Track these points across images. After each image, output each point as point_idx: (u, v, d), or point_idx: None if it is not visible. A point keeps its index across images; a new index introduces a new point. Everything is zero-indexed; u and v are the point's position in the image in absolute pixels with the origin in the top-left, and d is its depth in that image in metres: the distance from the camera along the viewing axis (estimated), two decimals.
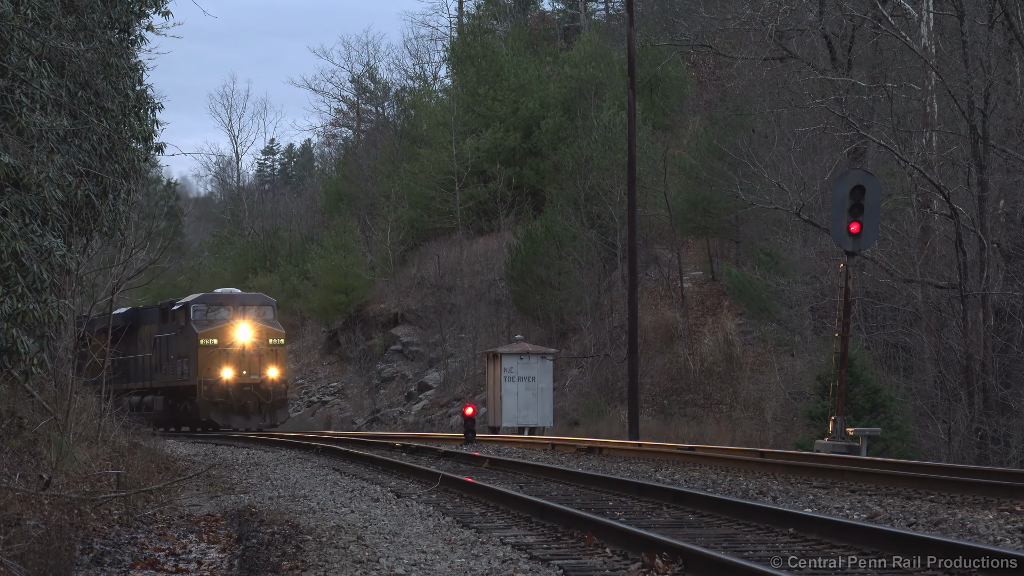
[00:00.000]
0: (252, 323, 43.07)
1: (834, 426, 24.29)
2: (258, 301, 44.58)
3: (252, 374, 42.68)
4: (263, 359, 42.88)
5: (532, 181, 62.09)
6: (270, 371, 42.87)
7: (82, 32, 17.84)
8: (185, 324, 43.55)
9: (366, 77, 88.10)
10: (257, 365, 42.76)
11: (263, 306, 44.29)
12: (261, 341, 42.93)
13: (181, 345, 43.78)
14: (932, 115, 36.02)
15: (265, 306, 44.33)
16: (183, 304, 44.26)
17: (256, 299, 44.86)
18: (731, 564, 9.56)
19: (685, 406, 45.67)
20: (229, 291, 45.42)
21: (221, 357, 42.40)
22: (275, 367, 43.01)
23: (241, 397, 42.41)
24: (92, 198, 17.83)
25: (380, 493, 17.86)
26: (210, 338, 42.56)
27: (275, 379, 42.97)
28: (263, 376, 42.80)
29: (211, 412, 42.14)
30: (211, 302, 43.86)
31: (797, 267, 41.86)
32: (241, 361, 42.58)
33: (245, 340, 42.67)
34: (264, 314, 43.97)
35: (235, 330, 42.74)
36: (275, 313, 44.66)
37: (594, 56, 60.76)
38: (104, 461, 18.83)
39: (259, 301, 44.63)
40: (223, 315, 43.36)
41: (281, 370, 43.27)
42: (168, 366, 44.90)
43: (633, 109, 36.27)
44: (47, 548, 10.65)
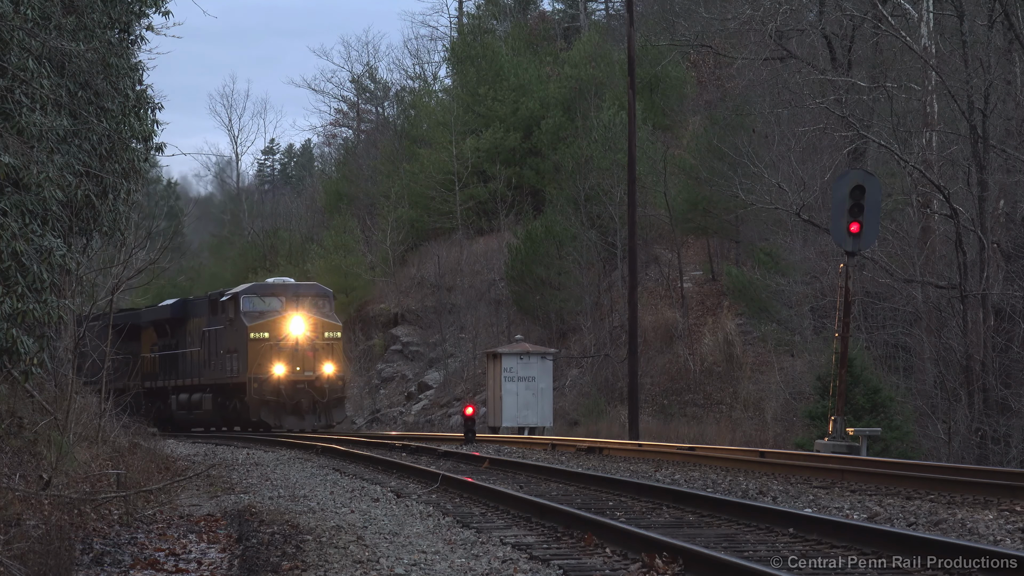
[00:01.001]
0: (306, 315, 40.11)
1: (834, 426, 24.29)
2: (313, 291, 41.47)
3: (306, 370, 39.68)
4: (318, 354, 39.85)
5: (532, 181, 62.09)
6: (325, 367, 39.85)
7: (82, 32, 17.83)
8: (234, 316, 40.64)
9: (366, 77, 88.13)
10: (312, 361, 39.76)
11: (318, 296, 41.20)
12: (316, 335, 39.96)
13: (230, 339, 40.90)
14: (932, 115, 36.02)
15: (321, 296, 41.23)
16: (232, 295, 41.34)
17: (311, 289, 41.78)
18: (731, 564, 9.56)
19: (685, 406, 45.66)
20: (282, 280, 42.60)
21: (273, 352, 39.43)
22: (331, 363, 40.02)
23: (294, 395, 39.41)
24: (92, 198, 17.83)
25: (380, 493, 17.86)
26: (261, 331, 39.64)
27: (331, 376, 39.95)
28: (318, 372, 39.78)
29: (261, 412, 39.24)
30: (262, 292, 40.94)
31: (797, 267, 41.85)
32: (294, 356, 39.58)
33: (299, 334, 39.68)
34: (319, 305, 40.91)
35: (288, 323, 39.79)
36: (331, 304, 41.69)
37: (594, 56, 60.76)
38: (104, 461, 18.84)
39: (314, 291, 41.50)
40: (275, 306, 40.40)
41: (338, 366, 40.30)
42: (217, 362, 41.96)
43: (633, 109, 36.27)
44: (47, 548, 10.65)
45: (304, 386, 39.41)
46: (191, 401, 43.26)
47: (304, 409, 39.33)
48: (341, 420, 40.74)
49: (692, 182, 49.89)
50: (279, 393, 39.06)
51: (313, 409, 39.51)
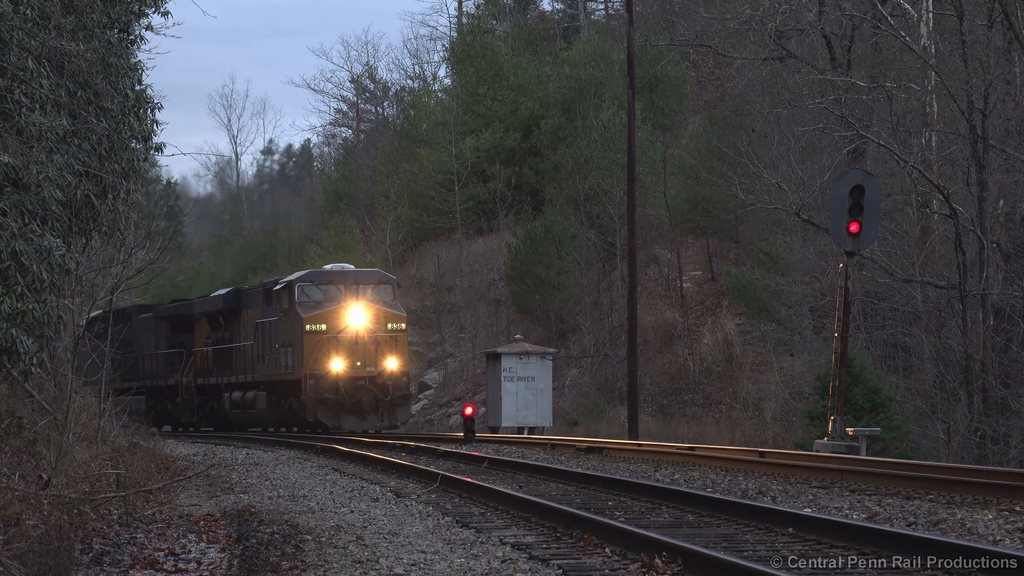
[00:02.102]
0: (368, 305, 36.75)
1: (833, 426, 24.30)
2: (375, 278, 38.03)
3: (367, 366, 36.26)
4: (381, 348, 36.41)
5: (532, 181, 62.09)
6: (389, 362, 36.41)
7: (81, 32, 17.83)
8: (289, 307, 37.38)
9: (365, 77, 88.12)
10: (373, 355, 36.31)
11: (381, 284, 37.79)
12: (378, 326, 36.57)
13: (285, 332, 37.76)
14: (931, 115, 36.03)
15: (384, 284, 37.85)
16: (286, 283, 38.10)
17: (373, 276, 38.36)
18: (731, 564, 9.56)
19: (684, 406, 45.68)
20: (341, 267, 38.99)
21: (331, 346, 36.15)
22: (395, 357, 36.53)
23: (354, 393, 36.02)
24: (92, 198, 17.83)
25: (379, 493, 17.86)
26: (318, 323, 36.48)
27: (395, 371, 36.46)
28: (380, 368, 36.33)
29: (319, 411, 36.08)
30: (319, 280, 37.63)
31: (796, 267, 41.87)
32: (354, 350, 36.19)
33: (359, 325, 36.34)
34: (382, 293, 37.56)
35: (347, 313, 36.44)
36: (396, 293, 38.17)
37: (593, 56, 60.77)
38: (104, 461, 18.83)
39: (376, 278, 38.07)
40: (333, 295, 37.06)
41: (402, 361, 36.87)
42: (271, 357, 38.72)
43: (632, 109, 36.27)
44: (46, 548, 10.65)
45: (365, 383, 36.19)
46: (244, 400, 40.49)
47: (365, 408, 36.21)
48: (406, 421, 37.41)
49: (692, 182, 49.91)
50: (338, 391, 35.95)
51: (375, 408, 36.35)
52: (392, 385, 36.22)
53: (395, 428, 36.78)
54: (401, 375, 36.61)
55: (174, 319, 45.78)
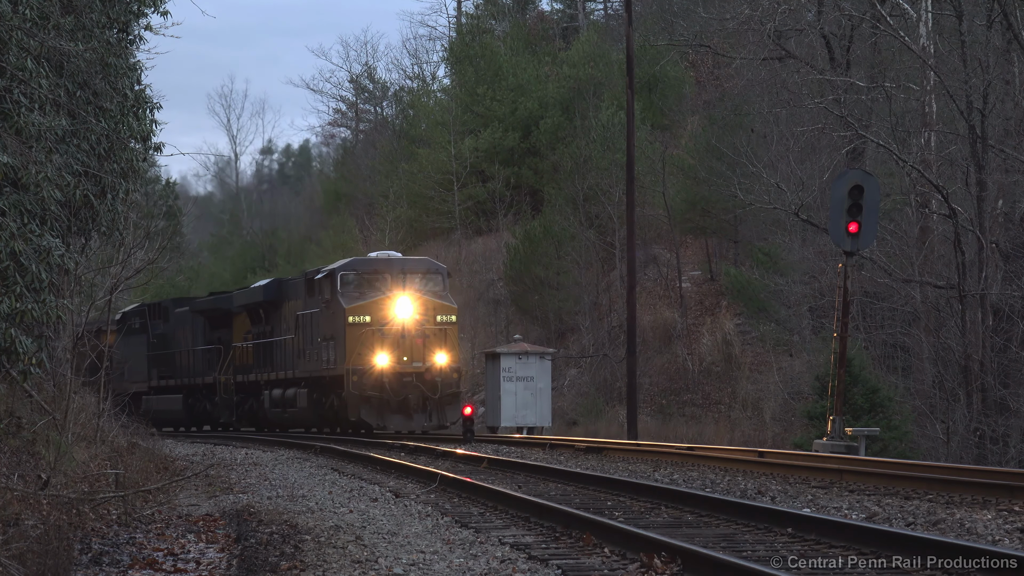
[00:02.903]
0: (416, 295, 34.27)
1: (833, 426, 24.31)
2: (423, 267, 35.68)
3: (415, 361, 33.84)
4: (429, 341, 34.00)
5: (531, 181, 62.11)
6: (438, 357, 33.94)
7: (81, 32, 17.82)
8: (331, 297, 34.98)
9: (364, 77, 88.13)
10: (421, 349, 33.88)
11: (430, 273, 35.39)
12: (427, 318, 34.20)
13: (326, 324, 35.31)
14: (931, 115, 36.05)
15: (433, 273, 35.45)
16: (328, 272, 35.61)
17: (421, 265, 36.01)
18: (730, 564, 9.56)
19: (684, 406, 45.70)
20: (387, 254, 36.60)
21: (375, 339, 33.59)
22: (444, 352, 34.09)
23: (400, 390, 33.57)
24: (91, 198, 17.82)
25: (379, 493, 17.86)
26: (361, 314, 34.03)
27: (444, 367, 34.00)
28: (429, 363, 33.85)
29: (362, 410, 33.59)
30: (364, 269, 35.04)
31: (796, 267, 41.89)
32: (401, 344, 33.73)
33: (406, 317, 33.86)
34: (431, 283, 35.18)
35: (393, 304, 33.98)
36: (446, 282, 35.77)
37: (593, 56, 60.77)
38: (103, 461, 18.83)
39: (425, 267, 35.72)
40: (379, 285, 34.57)
41: (452, 356, 34.38)
42: (312, 351, 36.24)
43: (631, 109, 36.26)
44: (45, 548, 10.65)
45: (412, 379, 33.68)
46: (284, 397, 38.02)
47: (412, 407, 33.76)
48: (456, 420, 34.56)
49: (691, 182, 49.92)
50: (383, 388, 33.45)
51: (423, 407, 33.88)
52: (441, 382, 33.87)
53: (444, 428, 34.59)
54: (451, 371, 34.26)
55: (212, 313, 43.85)
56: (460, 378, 34.80)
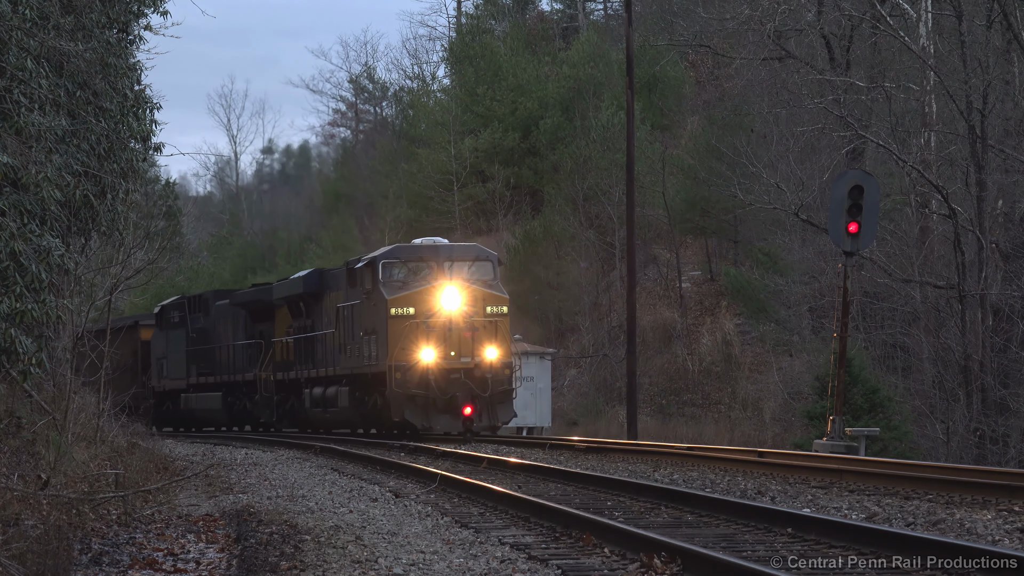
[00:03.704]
0: (464, 285, 31.79)
1: (832, 426, 24.31)
2: (472, 255, 33.09)
3: (463, 356, 31.43)
4: (478, 335, 31.61)
5: (530, 181, 62.12)
6: (488, 352, 31.46)
7: (80, 32, 17.84)
8: (372, 288, 32.50)
9: (364, 77, 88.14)
10: (470, 343, 31.46)
11: (479, 261, 32.85)
12: (476, 310, 31.75)
13: (367, 317, 32.84)
14: (930, 115, 36.07)
15: (482, 261, 32.90)
16: (369, 260, 33.00)
17: (469, 252, 33.33)
18: (730, 564, 9.56)
19: (683, 406, 45.71)
20: (432, 241, 33.64)
21: (420, 333, 31.17)
22: (495, 346, 31.62)
23: (447, 388, 31.17)
24: (90, 198, 17.83)
25: (378, 493, 17.85)
26: (404, 306, 31.59)
27: (495, 362, 31.51)
28: (478, 359, 31.39)
29: (405, 410, 31.09)
30: (407, 256, 32.52)
31: (795, 267, 41.91)
32: (448, 338, 31.35)
33: (453, 309, 31.46)
34: (481, 272, 32.66)
35: (439, 295, 31.49)
36: (496, 271, 33.16)
37: (592, 56, 60.79)
38: (103, 461, 18.84)
39: (474, 254, 33.12)
40: (424, 274, 32.09)
41: (503, 350, 31.86)
42: (353, 346, 33.74)
43: (631, 109, 36.23)
44: (45, 548, 10.65)
45: (460, 376, 31.30)
46: (326, 396, 35.44)
47: (460, 406, 31.42)
48: (508, 420, 32.58)
49: (690, 182, 49.94)
50: (428, 385, 31.07)
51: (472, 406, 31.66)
52: (492, 379, 31.40)
53: (495, 429, 32.23)
54: (502, 367, 31.72)
55: (252, 306, 41.19)
56: (512, 374, 32.23)
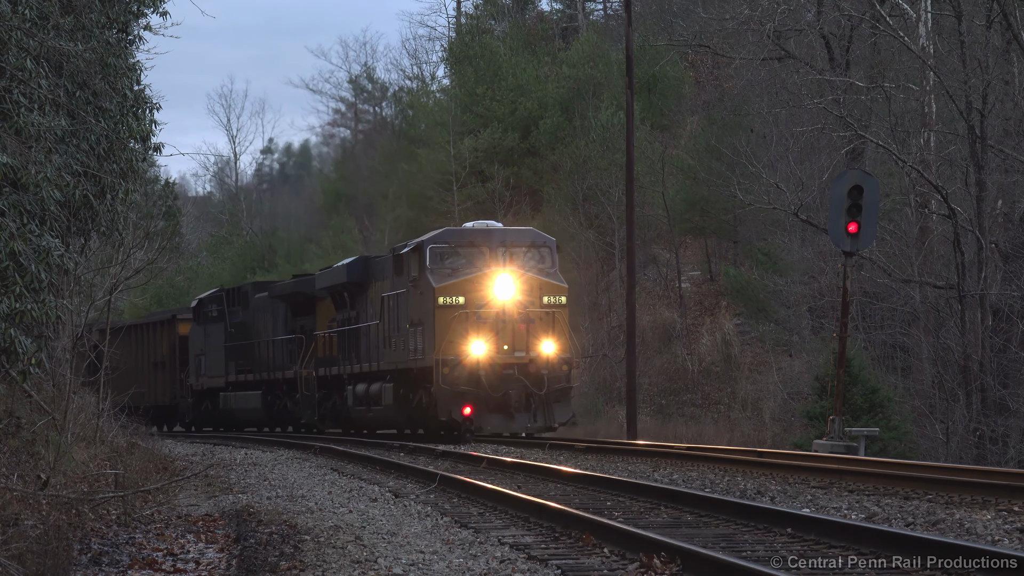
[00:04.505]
0: (518, 272, 29.47)
1: (832, 426, 24.31)
2: (528, 239, 30.67)
3: (517, 350, 29.11)
4: (534, 327, 29.24)
5: (530, 181, 62.10)
6: (544, 346, 29.18)
7: (80, 32, 17.84)
8: (418, 275, 30.09)
9: (364, 77, 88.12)
10: (525, 336, 29.16)
11: (536, 247, 30.52)
12: (531, 299, 29.37)
13: (414, 307, 30.46)
14: (930, 115, 36.07)
15: (539, 247, 30.59)
16: (416, 245, 30.59)
17: (525, 236, 30.93)
18: (730, 564, 9.56)
19: (683, 406, 45.70)
20: (485, 224, 31.20)
21: (470, 324, 29.02)
22: (552, 339, 29.25)
23: (500, 385, 28.97)
24: (90, 198, 17.84)
25: (378, 493, 17.86)
26: (453, 295, 29.26)
27: (551, 357, 29.17)
28: (534, 353, 29.12)
29: (453, 408, 29.02)
30: (457, 241, 30.16)
31: (795, 267, 41.92)
32: (501, 330, 29.12)
33: (507, 298, 29.16)
34: (537, 258, 30.37)
35: (492, 283, 29.22)
36: (554, 257, 30.86)
37: (592, 56, 60.76)
38: (102, 461, 18.84)
39: (529, 240, 30.69)
40: (475, 260, 29.79)
41: (561, 344, 29.42)
42: (399, 339, 31.32)
43: (631, 109, 36.23)
44: (45, 548, 10.65)
45: (514, 372, 29.05)
46: (369, 394, 32.89)
47: (513, 405, 29.09)
48: (566, 420, 30.19)
49: (690, 182, 49.94)
50: (479, 382, 28.90)
51: (527, 405, 29.26)
52: (548, 375, 29.15)
53: (551, 430, 29.99)
54: (560, 362, 29.40)
55: (293, 298, 39.06)
56: (571, 371, 30.09)
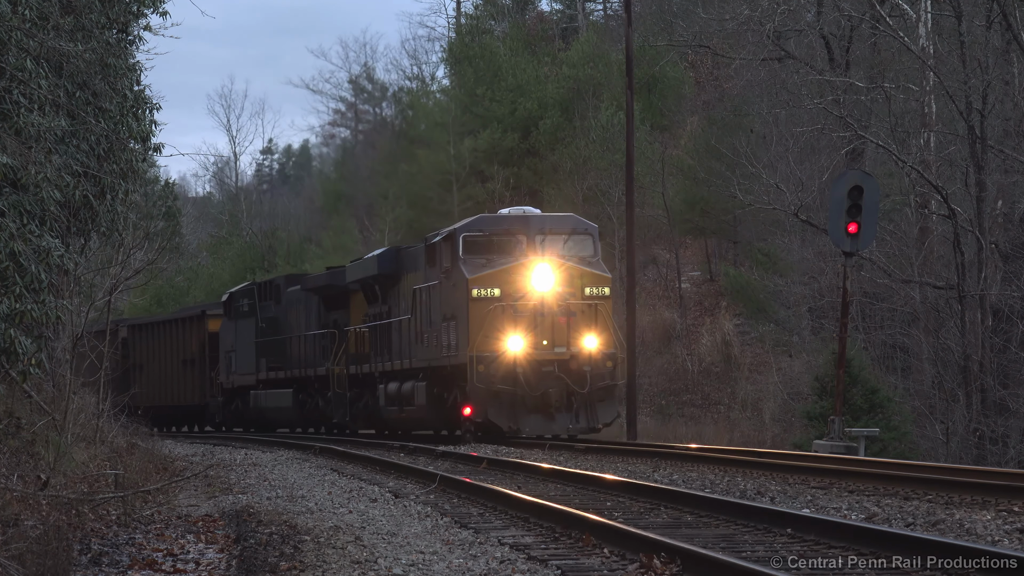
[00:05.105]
0: (558, 261, 27.70)
1: (832, 426, 24.31)
2: (568, 226, 28.74)
3: (557, 345, 27.36)
4: (575, 321, 27.45)
5: (530, 181, 62.08)
6: (587, 340, 27.41)
7: (80, 32, 17.85)
8: (451, 265, 28.32)
9: (364, 78, 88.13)
10: (565, 331, 27.36)
11: (577, 234, 28.64)
12: (573, 291, 27.61)
13: (446, 299, 28.64)
14: (930, 116, 36.09)
15: (580, 234, 28.71)
16: (448, 233, 28.85)
17: (566, 223, 28.96)
18: (730, 564, 9.55)
19: (683, 406, 45.70)
20: (521, 210, 29.34)
21: (507, 318, 27.21)
22: (594, 334, 27.51)
23: (539, 383, 27.16)
24: (90, 198, 17.85)
25: (378, 493, 17.86)
26: (488, 286, 27.44)
27: (594, 353, 27.41)
28: (576, 348, 27.37)
29: (488, 408, 27.34)
30: (492, 229, 28.34)
31: (795, 268, 41.93)
32: (540, 324, 27.31)
33: (546, 290, 27.37)
34: (578, 247, 28.53)
35: (530, 273, 27.43)
36: (597, 246, 29.01)
37: (592, 56, 60.77)
38: (102, 461, 18.83)
39: (569, 226, 28.75)
40: (511, 249, 28.05)
41: (605, 339, 27.68)
42: (431, 334, 29.44)
43: (631, 109, 36.22)
44: (45, 548, 10.65)
45: (554, 369, 27.27)
46: (401, 393, 31.02)
47: (554, 405, 27.25)
48: (611, 421, 28.30)
49: (690, 182, 49.95)
50: (515, 380, 27.10)
51: (568, 404, 27.38)
52: (591, 372, 27.33)
53: (595, 431, 28.00)
54: (603, 358, 27.59)
55: (325, 291, 37.01)
56: (616, 367, 28.11)
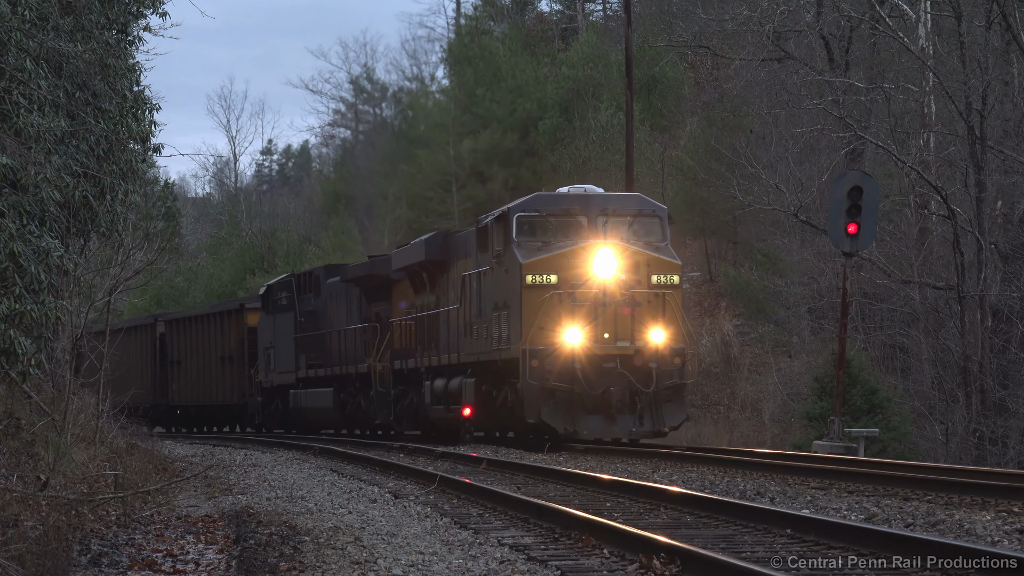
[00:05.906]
0: (622, 246, 24.99)
1: (832, 427, 24.31)
2: (634, 207, 25.99)
3: (620, 339, 24.69)
4: (641, 312, 24.78)
5: (530, 182, 61.96)
6: (653, 334, 24.79)
7: (80, 33, 17.85)
8: (503, 249, 25.83)
9: (363, 78, 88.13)
10: (629, 323, 24.74)
11: (643, 216, 25.92)
12: (637, 278, 24.88)
13: (497, 287, 26.08)
14: (930, 116, 36.09)
15: (647, 217, 25.97)
16: (501, 213, 26.34)
17: (631, 203, 26.16)
18: (729, 565, 9.55)
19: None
20: (582, 189, 26.53)
21: (564, 307, 24.60)
22: (661, 327, 24.86)
23: (599, 381, 24.53)
24: (90, 199, 17.85)
25: (378, 494, 17.85)
26: (543, 272, 24.78)
27: (661, 348, 24.82)
28: (640, 342, 24.78)
29: (542, 408, 24.57)
30: (549, 209, 25.69)
31: (795, 268, 41.91)
32: (601, 315, 24.67)
33: (608, 277, 24.72)
34: (645, 230, 25.79)
35: (590, 258, 24.78)
36: (666, 230, 26.08)
37: (592, 57, 60.77)
38: (102, 462, 18.83)
39: (635, 207, 26.00)
40: (570, 232, 25.43)
41: (673, 332, 25.03)
42: (481, 325, 26.89)
43: (631, 110, 36.21)
44: (44, 549, 10.65)
45: (616, 365, 24.64)
46: (448, 390, 28.54)
47: (615, 404, 24.60)
48: (679, 424, 25.53)
49: (690, 183, 49.93)
50: (573, 377, 24.51)
51: (631, 405, 24.73)
52: (657, 369, 24.78)
53: (661, 435, 25.32)
54: (671, 354, 24.97)
55: (367, 281, 34.43)
56: (684, 364, 25.29)
